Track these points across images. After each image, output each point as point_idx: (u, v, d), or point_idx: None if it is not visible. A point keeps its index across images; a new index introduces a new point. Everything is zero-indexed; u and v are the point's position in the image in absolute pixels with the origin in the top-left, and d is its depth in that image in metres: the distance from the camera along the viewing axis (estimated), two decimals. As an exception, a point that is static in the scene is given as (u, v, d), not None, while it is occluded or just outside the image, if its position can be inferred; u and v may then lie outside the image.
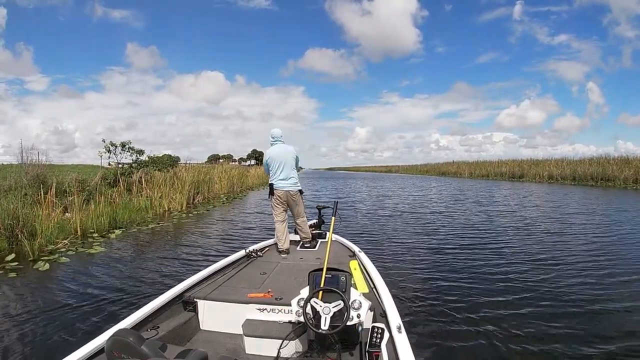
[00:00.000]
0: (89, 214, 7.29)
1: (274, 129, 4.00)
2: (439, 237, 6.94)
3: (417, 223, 8.53)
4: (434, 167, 52.84)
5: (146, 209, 9.27)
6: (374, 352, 1.78)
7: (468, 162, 43.96)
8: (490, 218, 9.18)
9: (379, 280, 2.65)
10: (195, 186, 13.13)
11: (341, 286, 2.03)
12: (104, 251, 5.76)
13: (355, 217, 9.42)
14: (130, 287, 4.10)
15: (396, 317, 2.04)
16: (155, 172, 11.23)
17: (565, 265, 4.93)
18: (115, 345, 1.41)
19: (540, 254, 5.58)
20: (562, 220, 8.67)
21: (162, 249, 6.03)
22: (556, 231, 7.34)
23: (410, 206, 12.06)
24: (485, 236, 6.91)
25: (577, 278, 4.35)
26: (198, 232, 7.56)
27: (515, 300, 3.68)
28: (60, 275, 4.60)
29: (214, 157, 63.41)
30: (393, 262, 5.13)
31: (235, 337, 2.34)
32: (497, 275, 4.51)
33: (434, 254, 5.64)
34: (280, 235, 3.79)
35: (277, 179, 3.88)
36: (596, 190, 19.15)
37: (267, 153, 3.96)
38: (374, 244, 6.22)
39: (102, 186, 9.39)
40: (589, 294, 3.83)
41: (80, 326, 3.12)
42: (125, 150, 10.80)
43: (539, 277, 4.38)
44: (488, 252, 5.66)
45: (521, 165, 32.78)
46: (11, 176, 7.48)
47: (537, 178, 28.76)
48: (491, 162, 38.58)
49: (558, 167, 28.26)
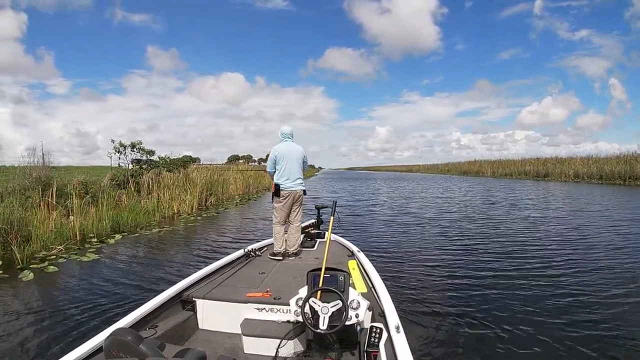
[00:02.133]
0: (91, 217, 6.95)
1: (284, 126, 3.83)
2: (462, 242, 6.09)
3: (449, 232, 7.66)
4: (456, 166, 52.61)
5: (153, 211, 8.89)
6: (373, 352, 1.78)
7: (490, 161, 43.77)
8: (534, 224, 8.17)
9: (378, 280, 2.63)
10: (208, 187, 12.78)
11: (340, 286, 2.03)
12: (96, 259, 5.32)
13: (374, 225, 8.59)
14: (111, 305, 3.59)
15: (394, 317, 2.02)
16: (166, 172, 10.91)
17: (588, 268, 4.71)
18: (114, 344, 1.40)
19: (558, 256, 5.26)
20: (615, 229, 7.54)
21: (158, 257, 5.51)
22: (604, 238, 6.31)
23: (436, 210, 11.13)
24: (522, 244, 6.03)
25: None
26: (201, 238, 7.06)
27: (515, 300, 3.66)
28: (41, 288, 4.15)
29: (234, 157, 64.10)
30: (393, 264, 5.06)
31: (233, 336, 2.33)
32: (498, 275, 4.50)
33: (439, 255, 5.58)
34: (277, 237, 3.63)
35: (284, 179, 3.68)
36: (625, 189, 18.08)
37: (275, 149, 3.71)
38: (399, 261, 5.32)
39: (109, 188, 9.13)
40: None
41: (41, 352, 2.66)
42: (135, 151, 10.52)
43: (547, 275, 4.42)
44: (514, 258, 5.35)
45: (545, 163, 32.24)
46: (14, 178, 7.26)
47: (562, 177, 28.18)
48: (514, 160, 38.29)
49: (584, 165, 27.64)
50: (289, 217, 3.79)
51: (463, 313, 3.34)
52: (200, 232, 7.65)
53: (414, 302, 3.62)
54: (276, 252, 3.57)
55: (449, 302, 3.62)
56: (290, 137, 3.81)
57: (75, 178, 8.68)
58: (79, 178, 8.04)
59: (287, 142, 3.77)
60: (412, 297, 3.76)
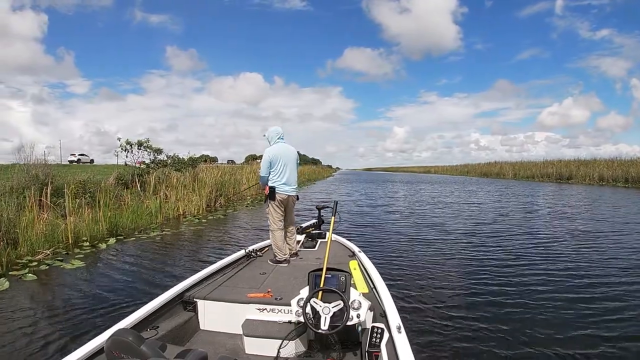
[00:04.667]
0: (86, 219, 6.56)
1: (274, 126, 3.63)
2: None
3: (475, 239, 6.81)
4: (475, 168, 52.16)
5: (155, 213, 8.47)
6: (374, 352, 1.78)
7: (511, 163, 43.17)
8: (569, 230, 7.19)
9: (379, 281, 2.62)
10: (218, 187, 12.35)
11: (341, 286, 2.03)
12: (81, 266, 4.86)
13: (392, 245, 7.27)
14: (85, 324, 3.13)
15: (396, 317, 2.00)
16: (174, 172, 10.52)
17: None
18: (115, 345, 1.39)
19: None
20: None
21: (147, 268, 4.94)
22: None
23: (466, 223, 10.19)
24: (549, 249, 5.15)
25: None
26: (199, 245, 6.52)
27: (516, 300, 3.67)
28: (11, 301, 3.68)
29: (251, 157, 64.26)
30: (395, 265, 5.02)
31: (235, 337, 2.33)
32: (500, 276, 4.52)
33: (440, 258, 5.55)
34: (280, 245, 3.41)
35: (280, 182, 3.48)
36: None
37: (269, 151, 3.46)
38: (400, 261, 4.90)
39: (114, 187, 8.79)
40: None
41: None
42: (143, 149, 10.19)
43: (545, 276, 4.48)
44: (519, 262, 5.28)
45: (569, 165, 31.56)
46: (12, 177, 6.97)
47: (586, 180, 27.38)
48: (536, 162, 37.75)
49: (609, 168, 26.77)
50: (285, 222, 3.60)
51: (466, 313, 3.34)
52: (201, 237, 7.12)
53: (416, 302, 3.61)
54: (280, 259, 3.38)
55: (451, 302, 3.62)
56: (283, 137, 3.60)
57: (80, 177, 8.41)
58: (77, 177, 7.70)
59: (280, 143, 3.55)
60: (414, 297, 3.75)
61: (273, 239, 3.44)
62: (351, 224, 8.54)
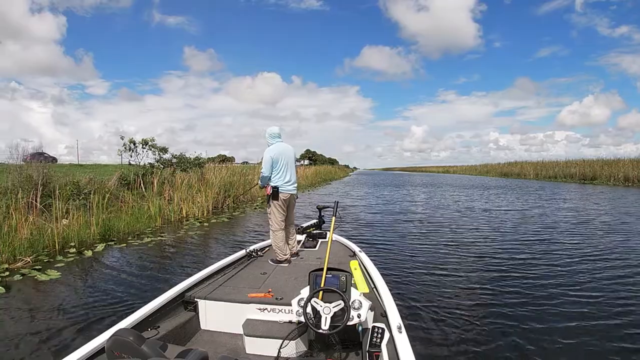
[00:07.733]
0: (77, 222, 6.20)
1: (272, 127, 3.65)
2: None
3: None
4: (495, 168, 50.66)
5: (154, 216, 8.08)
6: (375, 352, 1.79)
7: (533, 162, 41.74)
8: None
9: (380, 281, 2.62)
10: (226, 188, 11.93)
11: (341, 286, 2.03)
12: (56, 278, 4.43)
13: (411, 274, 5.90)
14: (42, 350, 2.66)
15: (397, 317, 2.01)
16: (179, 172, 10.15)
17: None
18: (116, 344, 1.40)
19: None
20: None
21: (128, 282, 4.44)
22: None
23: (474, 225, 9.25)
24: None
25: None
26: (193, 254, 6.02)
27: (517, 301, 3.61)
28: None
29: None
30: (395, 263, 4.98)
31: (235, 336, 2.34)
32: (501, 277, 4.42)
33: (438, 256, 5.52)
34: (281, 245, 3.43)
35: (283, 182, 3.51)
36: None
37: (270, 151, 3.48)
38: (401, 261, 4.12)
39: (115, 188, 8.48)
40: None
41: None
42: (147, 149, 9.88)
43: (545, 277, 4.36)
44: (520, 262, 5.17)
45: (592, 165, 30.08)
46: (7, 177, 6.73)
47: (611, 180, 25.86)
48: (558, 162, 36.48)
49: (635, 167, 25.58)
50: (285, 222, 3.60)
51: (467, 313, 3.32)
52: (197, 245, 6.60)
53: (417, 302, 3.59)
54: (281, 259, 3.39)
55: (452, 303, 3.59)
56: (280, 137, 3.63)
57: (83, 177, 8.15)
58: (75, 178, 7.39)
59: (279, 142, 3.59)
60: (414, 297, 3.73)
61: (274, 239, 3.46)
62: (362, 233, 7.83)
